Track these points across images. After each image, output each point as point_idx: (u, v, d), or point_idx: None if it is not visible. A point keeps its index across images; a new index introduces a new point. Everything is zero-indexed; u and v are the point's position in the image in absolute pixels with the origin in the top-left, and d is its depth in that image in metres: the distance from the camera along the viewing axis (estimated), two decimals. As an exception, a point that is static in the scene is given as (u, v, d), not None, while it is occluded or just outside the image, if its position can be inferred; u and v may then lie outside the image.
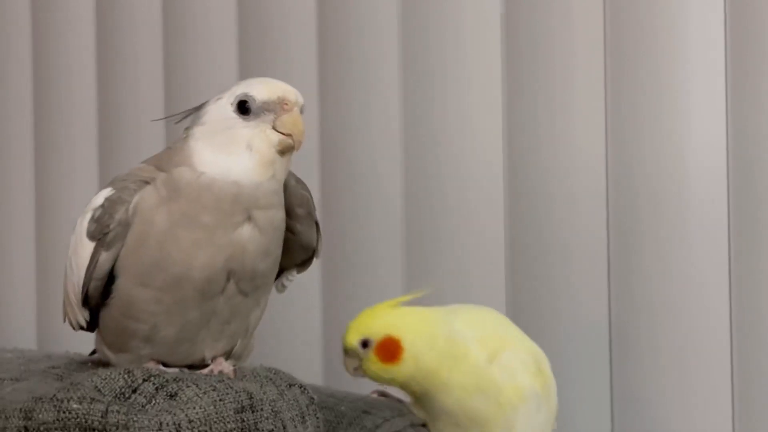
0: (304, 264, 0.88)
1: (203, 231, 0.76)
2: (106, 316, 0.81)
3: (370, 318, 0.91)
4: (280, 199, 0.80)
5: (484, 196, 1.15)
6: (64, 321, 0.85)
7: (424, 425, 0.93)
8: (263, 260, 0.79)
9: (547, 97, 1.11)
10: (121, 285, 0.79)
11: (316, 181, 1.22)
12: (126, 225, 0.78)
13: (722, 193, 1.04)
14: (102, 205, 0.78)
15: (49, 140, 1.44)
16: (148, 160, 0.82)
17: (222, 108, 0.78)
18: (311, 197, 0.85)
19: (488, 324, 0.94)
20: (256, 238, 0.78)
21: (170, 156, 0.79)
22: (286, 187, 0.81)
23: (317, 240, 0.86)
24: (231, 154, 0.77)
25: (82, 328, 0.84)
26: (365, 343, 0.90)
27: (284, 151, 0.78)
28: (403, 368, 0.90)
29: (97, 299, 0.81)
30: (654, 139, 1.07)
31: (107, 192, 0.79)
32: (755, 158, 1.03)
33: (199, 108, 0.80)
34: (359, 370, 0.91)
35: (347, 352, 0.91)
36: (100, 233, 0.78)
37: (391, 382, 0.91)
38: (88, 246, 0.78)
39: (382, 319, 0.91)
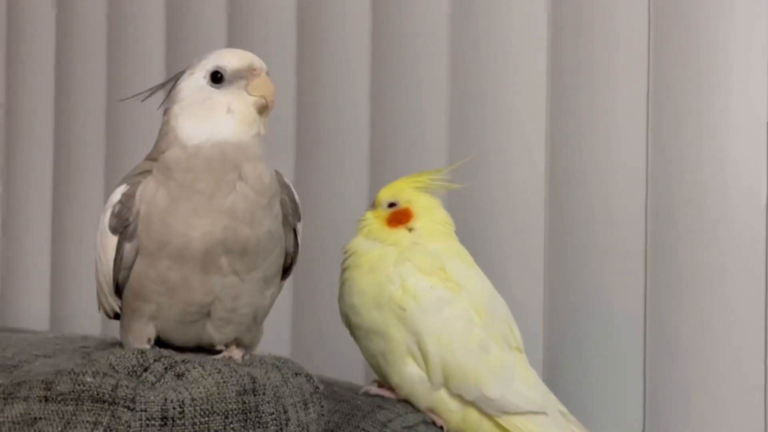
0: (286, 272, 0.91)
1: (200, 197, 0.81)
2: (123, 299, 0.87)
3: (408, 188, 0.99)
4: (268, 157, 0.84)
5: (525, 200, 1.17)
6: (99, 310, 0.91)
7: (434, 423, 0.96)
8: (255, 227, 0.83)
9: (590, 103, 1.13)
10: (135, 267, 0.84)
11: (366, 175, 1.28)
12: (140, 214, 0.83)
13: (761, 202, 1.05)
14: (120, 201, 0.84)
15: (66, 138, 1.55)
16: (147, 156, 0.86)
17: (195, 82, 0.83)
18: (292, 202, 0.88)
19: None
20: (250, 197, 0.82)
21: (158, 144, 0.85)
22: None
23: (295, 248, 0.90)
24: (213, 121, 0.82)
25: (117, 315, 0.89)
26: (391, 204, 0.99)
27: (261, 110, 0.83)
28: (388, 239, 0.97)
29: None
30: (694, 147, 1.07)
31: (122, 188, 0.85)
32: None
33: (170, 84, 0.85)
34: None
35: (374, 204, 1.00)
36: (121, 226, 0.84)
37: (363, 237, 0.98)
38: (113, 239, 0.84)
39: (417, 196, 0.99)
